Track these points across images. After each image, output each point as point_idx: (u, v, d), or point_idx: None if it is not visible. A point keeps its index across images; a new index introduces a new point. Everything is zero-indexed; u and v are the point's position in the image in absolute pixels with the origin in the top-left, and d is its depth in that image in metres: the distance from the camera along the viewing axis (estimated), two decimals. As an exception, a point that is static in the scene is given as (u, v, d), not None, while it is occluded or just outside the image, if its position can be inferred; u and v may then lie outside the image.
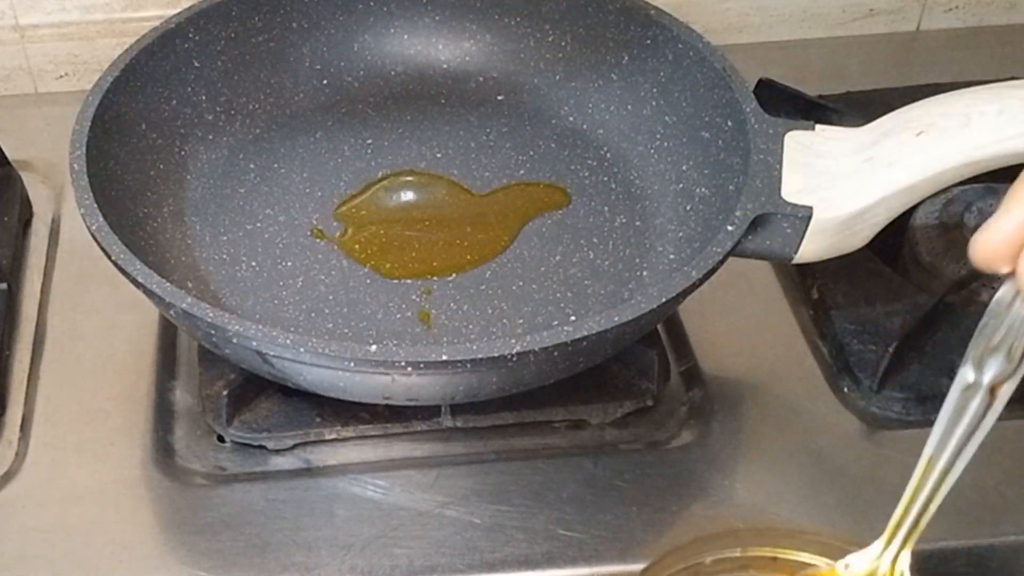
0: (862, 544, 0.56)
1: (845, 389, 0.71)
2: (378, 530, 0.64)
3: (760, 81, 0.83)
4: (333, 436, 0.68)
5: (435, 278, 0.71)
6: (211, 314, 0.59)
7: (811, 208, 0.64)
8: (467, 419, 0.68)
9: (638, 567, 0.63)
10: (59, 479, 0.67)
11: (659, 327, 0.73)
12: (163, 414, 0.70)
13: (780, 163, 0.66)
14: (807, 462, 0.68)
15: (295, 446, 0.68)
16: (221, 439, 0.68)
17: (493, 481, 0.67)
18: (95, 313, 0.74)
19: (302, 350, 0.58)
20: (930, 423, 0.69)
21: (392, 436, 0.69)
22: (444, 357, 0.58)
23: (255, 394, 0.68)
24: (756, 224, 0.64)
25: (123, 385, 0.71)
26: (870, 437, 0.69)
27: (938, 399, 0.69)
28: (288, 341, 0.58)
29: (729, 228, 0.63)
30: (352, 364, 0.58)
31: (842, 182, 0.65)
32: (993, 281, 0.74)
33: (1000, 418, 0.70)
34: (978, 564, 0.64)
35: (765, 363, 0.73)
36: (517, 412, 0.69)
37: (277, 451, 0.68)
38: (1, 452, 0.68)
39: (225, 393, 0.67)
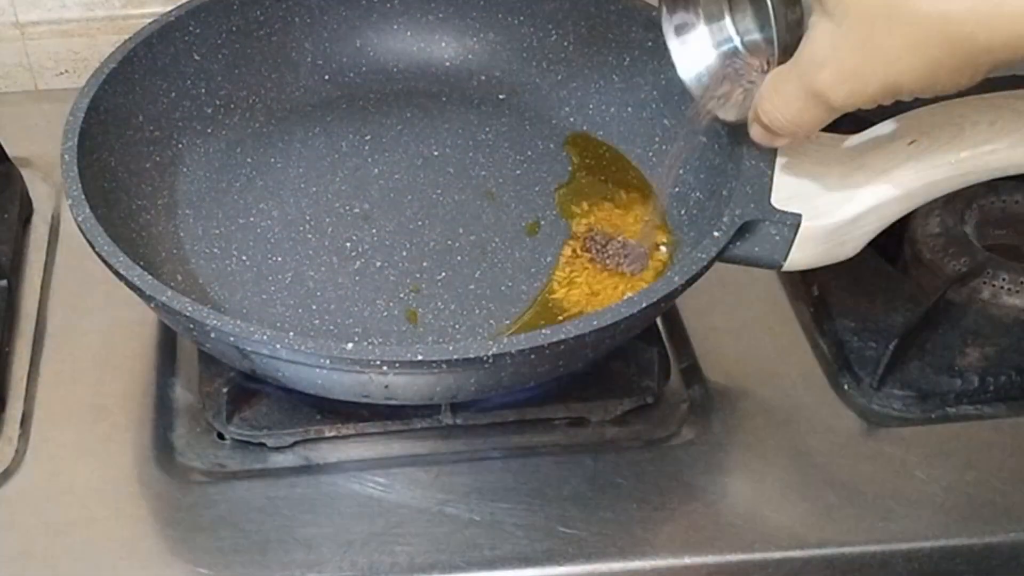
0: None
1: (845, 387, 0.71)
2: (378, 527, 0.64)
3: (761, 78, 0.83)
4: (333, 433, 0.68)
5: (424, 276, 0.71)
6: (190, 308, 0.59)
7: (799, 215, 0.64)
8: (467, 416, 0.68)
9: (638, 564, 0.63)
10: (59, 476, 0.67)
11: (660, 324, 0.73)
12: (163, 411, 0.70)
13: (772, 169, 0.66)
14: (807, 459, 0.68)
15: (295, 443, 0.68)
16: (221, 436, 0.68)
17: (493, 478, 0.67)
18: (95, 310, 0.74)
19: (278, 346, 0.58)
20: (930, 420, 0.70)
21: (392, 433, 0.69)
22: (419, 357, 0.57)
23: (255, 391, 0.68)
24: (744, 230, 0.64)
25: (123, 382, 0.71)
26: (870, 434, 0.69)
27: (938, 397, 0.70)
28: (264, 337, 0.58)
29: (716, 234, 0.63)
30: (328, 362, 0.58)
31: (833, 190, 0.64)
32: (994, 279, 0.74)
33: (1000, 416, 0.70)
34: (978, 563, 0.64)
35: (765, 361, 0.73)
36: (517, 409, 0.69)
37: (277, 448, 0.68)
38: (1, 449, 0.68)
39: (225, 390, 0.67)
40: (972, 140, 0.62)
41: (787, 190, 0.65)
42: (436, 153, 0.79)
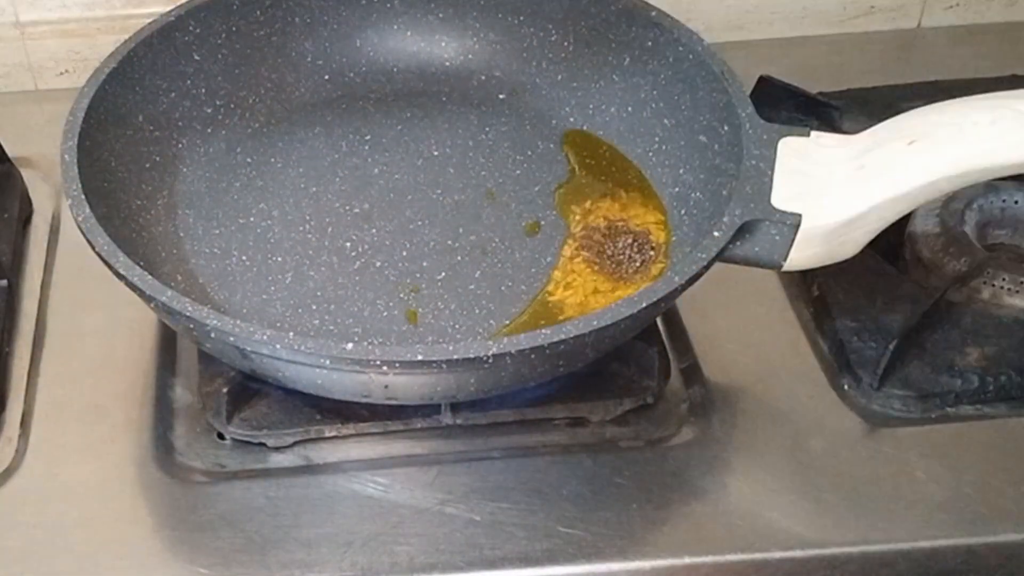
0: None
1: (845, 387, 0.71)
2: (378, 527, 0.64)
3: (760, 78, 0.83)
4: (333, 433, 0.68)
5: (424, 276, 0.71)
6: (190, 308, 0.59)
7: (800, 216, 0.64)
8: (467, 416, 0.68)
9: (638, 564, 0.63)
10: (59, 476, 0.67)
11: (659, 324, 0.73)
12: (163, 411, 0.70)
13: (772, 169, 0.66)
14: (807, 459, 0.68)
15: (295, 443, 0.68)
16: (221, 436, 0.68)
17: (493, 478, 0.67)
18: (95, 310, 0.74)
19: (278, 346, 0.58)
20: (930, 420, 0.70)
21: (392, 433, 0.69)
22: (419, 357, 0.58)
23: (255, 391, 0.68)
24: (744, 230, 0.64)
25: (123, 382, 0.71)
26: (870, 435, 0.69)
27: (938, 397, 0.70)
28: (264, 337, 0.58)
29: (716, 234, 0.63)
30: (328, 362, 0.58)
31: (833, 190, 0.64)
32: (994, 279, 0.74)
33: (1000, 416, 0.70)
34: (977, 562, 0.64)
35: (765, 361, 0.73)
36: (517, 409, 0.69)
37: (277, 448, 0.68)
38: (1, 449, 0.68)
39: (225, 390, 0.67)
40: (972, 140, 0.62)
41: (787, 190, 0.65)
42: (436, 153, 0.79)
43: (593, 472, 0.67)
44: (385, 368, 0.58)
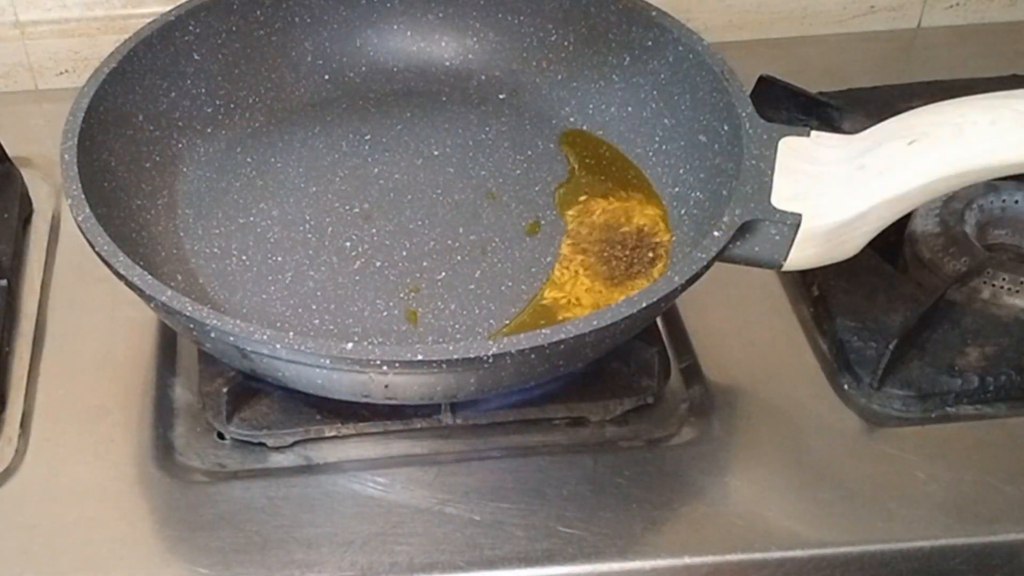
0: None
1: (845, 386, 0.71)
2: (378, 527, 0.64)
3: (760, 78, 0.83)
4: (333, 433, 0.68)
5: (424, 276, 0.71)
6: (190, 308, 0.59)
7: (800, 215, 0.64)
8: (467, 416, 0.68)
9: (638, 564, 0.63)
10: (59, 476, 0.67)
11: (659, 324, 0.73)
12: (163, 411, 0.70)
13: (772, 169, 0.66)
14: (807, 459, 0.68)
15: (295, 443, 0.68)
16: (221, 436, 0.68)
17: (493, 478, 0.66)
18: (95, 310, 0.74)
19: (278, 346, 0.58)
20: (930, 420, 0.70)
21: (392, 433, 0.69)
22: (419, 357, 0.58)
23: (255, 391, 0.68)
24: (744, 230, 0.64)
25: (123, 382, 0.71)
26: (870, 434, 0.69)
27: (938, 396, 0.70)
28: (264, 337, 0.58)
29: (716, 234, 0.63)
30: (328, 361, 0.58)
31: (833, 190, 0.64)
32: (994, 279, 0.74)
33: (1000, 416, 0.71)
34: (977, 562, 0.64)
35: (765, 360, 0.73)
36: (517, 409, 0.69)
37: (277, 448, 0.68)
38: (1, 449, 0.68)
39: (225, 390, 0.67)
40: (972, 140, 0.62)
41: (787, 190, 0.65)
42: (436, 153, 0.79)
43: (593, 472, 0.67)
44: (385, 368, 0.58)
